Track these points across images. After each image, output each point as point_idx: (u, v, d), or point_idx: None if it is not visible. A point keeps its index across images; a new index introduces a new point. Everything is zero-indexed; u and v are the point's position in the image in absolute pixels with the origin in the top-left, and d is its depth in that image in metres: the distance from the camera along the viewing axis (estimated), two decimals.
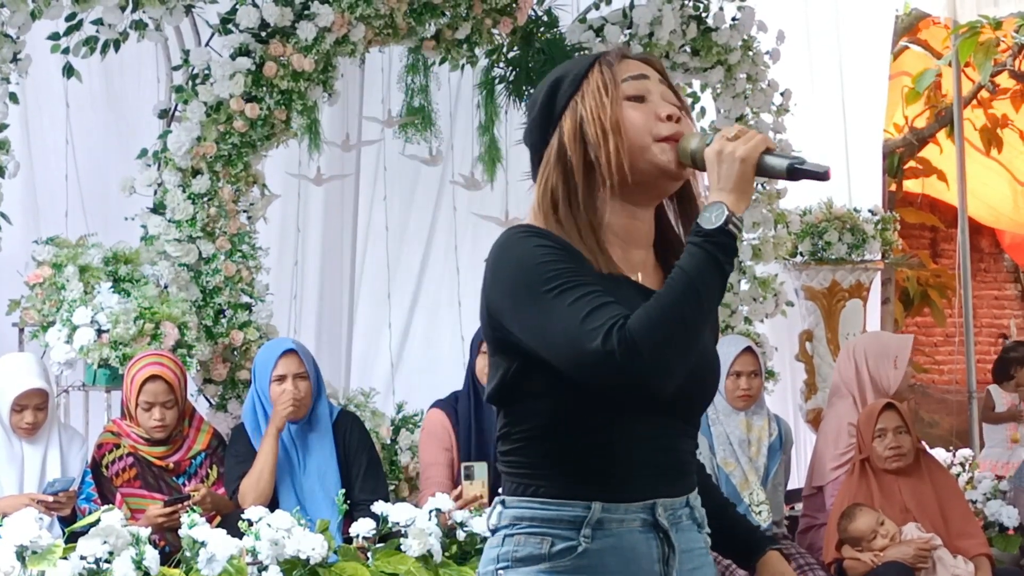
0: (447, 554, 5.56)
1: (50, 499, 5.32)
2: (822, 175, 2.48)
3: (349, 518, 5.62)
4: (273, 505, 5.65)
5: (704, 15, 8.01)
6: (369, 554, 5.47)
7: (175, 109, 6.61)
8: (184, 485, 5.72)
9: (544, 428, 2.51)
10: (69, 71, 6.47)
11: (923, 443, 6.89)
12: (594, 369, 2.36)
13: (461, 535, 5.63)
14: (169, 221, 6.47)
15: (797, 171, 2.48)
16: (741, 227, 2.44)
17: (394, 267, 8.48)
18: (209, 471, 5.83)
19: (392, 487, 6.77)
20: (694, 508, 2.63)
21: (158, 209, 6.50)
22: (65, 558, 4.87)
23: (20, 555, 4.82)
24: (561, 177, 2.57)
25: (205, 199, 6.49)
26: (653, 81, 2.61)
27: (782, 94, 8.35)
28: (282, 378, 5.85)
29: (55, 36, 6.42)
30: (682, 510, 2.59)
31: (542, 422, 2.51)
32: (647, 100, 2.58)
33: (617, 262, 2.55)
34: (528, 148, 2.67)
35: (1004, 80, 12.07)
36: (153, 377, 5.70)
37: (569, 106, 2.59)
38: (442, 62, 7.55)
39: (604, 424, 2.49)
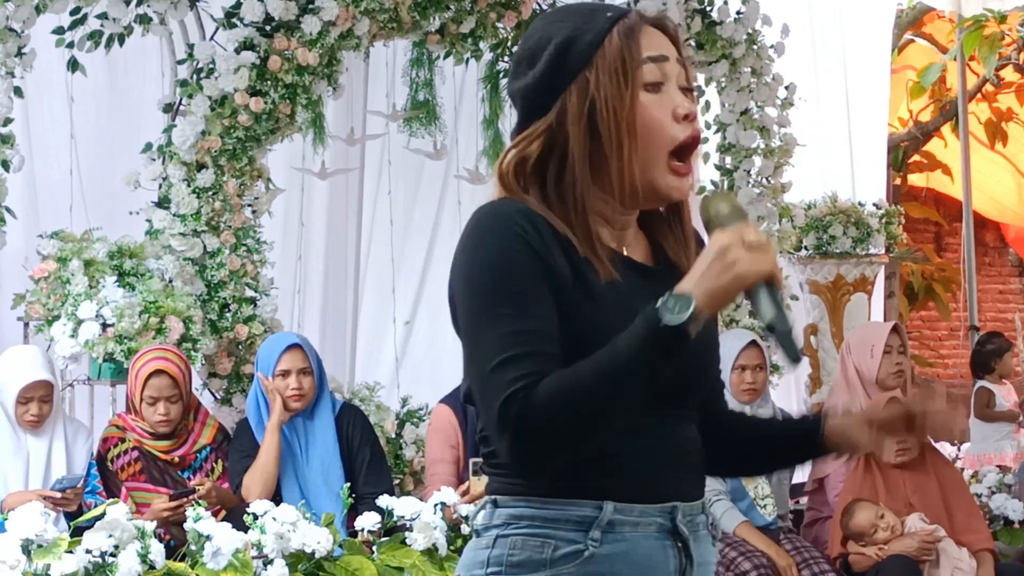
0: (452, 548, 5.56)
1: (58, 495, 5.32)
2: (794, 359, 2.23)
3: (354, 511, 5.62)
4: (277, 499, 5.65)
5: (709, 9, 8.01)
6: (374, 548, 5.48)
7: (179, 103, 6.61)
8: (189, 479, 5.73)
9: None
10: (74, 65, 6.47)
11: (928, 437, 6.89)
12: (487, 423, 2.18)
13: (466, 529, 5.63)
14: (174, 215, 6.47)
15: (775, 332, 2.22)
16: (697, 330, 2.13)
17: (398, 261, 8.48)
18: (214, 465, 5.83)
19: (397, 481, 6.77)
20: (707, 515, 2.37)
21: (163, 203, 6.50)
22: (70, 552, 4.87)
23: (26, 548, 4.82)
24: (541, 153, 2.30)
25: (210, 193, 6.49)
26: (671, 62, 2.31)
27: (787, 88, 8.34)
28: (286, 373, 5.87)
29: (59, 30, 6.43)
30: (699, 517, 2.34)
31: None
32: (663, 89, 2.29)
33: (604, 240, 2.30)
34: (518, 107, 2.37)
35: (1009, 74, 12.06)
36: (157, 372, 5.70)
37: (578, 79, 2.28)
38: (446, 56, 7.55)
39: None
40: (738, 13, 8.10)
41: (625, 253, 2.35)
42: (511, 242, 2.21)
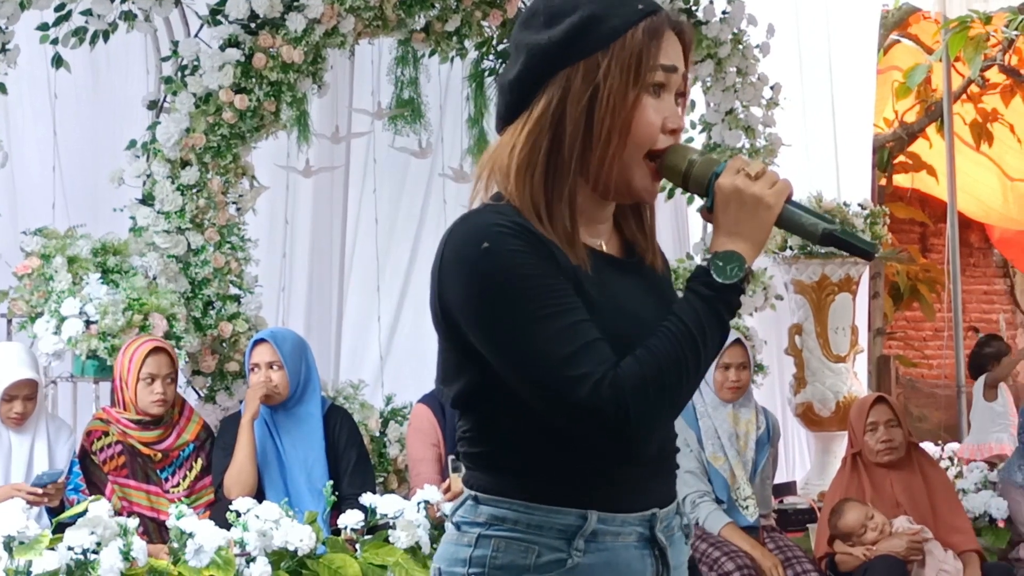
0: (435, 546, 5.56)
1: (39, 491, 5.29)
2: (871, 249, 2.23)
3: (337, 510, 5.62)
4: (260, 497, 5.65)
5: (694, 8, 8.00)
6: (357, 546, 5.47)
7: (164, 100, 6.59)
8: (167, 480, 5.72)
9: (525, 428, 2.21)
10: (58, 62, 6.45)
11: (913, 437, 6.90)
12: (574, 419, 2.13)
13: (448, 526, 5.62)
14: (158, 212, 6.45)
15: (835, 240, 2.20)
16: (751, 280, 2.22)
17: (383, 259, 8.47)
18: (194, 464, 5.82)
19: (381, 479, 6.77)
20: (682, 515, 2.38)
21: (147, 200, 6.49)
22: (52, 548, 4.86)
23: (7, 545, 4.81)
24: (550, 143, 2.24)
25: (194, 190, 6.48)
26: (678, 74, 2.28)
27: (772, 88, 8.34)
28: (255, 367, 5.93)
29: (44, 27, 6.40)
30: (674, 519, 2.35)
31: (518, 422, 2.21)
32: (663, 95, 2.26)
33: (583, 240, 2.27)
34: (520, 58, 2.28)
35: (994, 75, 12.08)
36: (156, 350, 5.72)
37: (590, 59, 2.23)
38: (432, 54, 7.54)
39: None
40: (723, 13, 8.10)
41: (603, 249, 2.33)
42: (515, 244, 2.17)
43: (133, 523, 5.06)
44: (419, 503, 5.61)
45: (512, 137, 2.28)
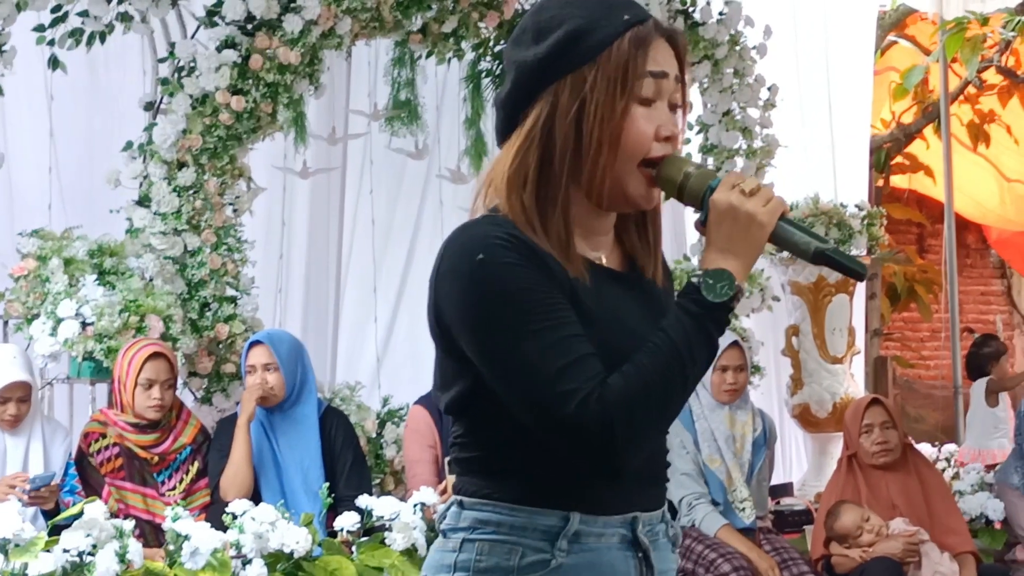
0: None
1: (25, 498, 5.26)
2: (858, 273, 2.24)
3: (333, 512, 5.62)
4: (256, 499, 5.64)
5: (691, 10, 8.01)
6: (354, 548, 5.47)
7: (160, 102, 6.59)
8: (163, 484, 5.72)
9: (513, 433, 2.22)
10: (54, 63, 6.45)
11: (909, 438, 6.90)
12: (560, 434, 2.14)
13: None
14: (154, 214, 6.45)
15: (826, 259, 2.22)
16: (741, 297, 2.21)
17: (380, 261, 8.46)
18: (190, 467, 5.82)
19: (377, 481, 6.77)
20: (668, 524, 2.38)
21: (143, 202, 6.48)
22: (48, 551, 4.86)
23: (3, 548, 4.81)
24: (540, 155, 2.26)
25: (191, 192, 6.47)
26: (670, 79, 2.28)
27: (769, 89, 8.35)
28: (252, 369, 5.94)
29: (40, 28, 6.40)
30: (659, 526, 2.35)
31: (511, 427, 2.21)
32: (654, 105, 2.27)
33: (581, 253, 2.28)
34: (510, 76, 2.32)
35: (991, 76, 12.08)
36: (156, 355, 5.73)
37: (576, 73, 2.24)
38: (428, 55, 7.54)
39: None
40: (720, 14, 8.11)
41: (605, 262, 2.34)
42: (510, 257, 2.18)
43: (129, 525, 5.05)
44: (415, 505, 5.61)
45: (507, 152, 2.30)
